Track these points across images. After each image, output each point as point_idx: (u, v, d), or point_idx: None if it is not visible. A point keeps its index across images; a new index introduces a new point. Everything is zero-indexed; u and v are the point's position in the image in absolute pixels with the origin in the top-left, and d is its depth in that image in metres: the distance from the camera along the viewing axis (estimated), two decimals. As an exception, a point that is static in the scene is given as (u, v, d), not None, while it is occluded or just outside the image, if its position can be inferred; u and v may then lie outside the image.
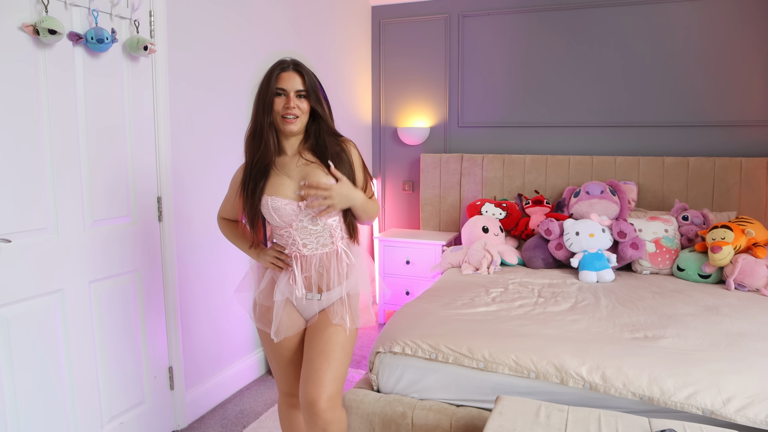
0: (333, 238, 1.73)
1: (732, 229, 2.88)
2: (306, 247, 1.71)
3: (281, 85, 1.65)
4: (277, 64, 1.69)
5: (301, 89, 1.66)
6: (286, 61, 1.69)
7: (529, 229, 3.50)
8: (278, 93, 1.65)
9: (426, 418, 1.96)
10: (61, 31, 1.89)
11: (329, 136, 1.73)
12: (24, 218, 1.89)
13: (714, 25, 3.48)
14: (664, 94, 3.62)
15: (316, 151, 1.72)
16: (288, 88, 1.65)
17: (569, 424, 1.60)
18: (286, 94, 1.65)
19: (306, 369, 1.68)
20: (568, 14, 3.78)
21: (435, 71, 4.18)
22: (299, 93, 1.66)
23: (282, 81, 1.66)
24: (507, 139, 4.03)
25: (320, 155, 1.71)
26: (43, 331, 1.97)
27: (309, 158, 1.71)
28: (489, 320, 2.31)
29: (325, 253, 1.73)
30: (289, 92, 1.65)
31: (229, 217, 1.88)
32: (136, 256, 2.33)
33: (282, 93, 1.65)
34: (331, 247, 1.73)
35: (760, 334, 2.14)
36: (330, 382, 1.64)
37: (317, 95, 1.70)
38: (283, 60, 1.70)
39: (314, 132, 1.73)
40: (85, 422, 2.13)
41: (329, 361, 1.66)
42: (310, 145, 1.73)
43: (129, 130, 2.28)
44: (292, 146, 1.73)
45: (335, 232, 1.74)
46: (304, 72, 1.68)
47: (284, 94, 1.65)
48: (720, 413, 1.69)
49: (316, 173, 1.68)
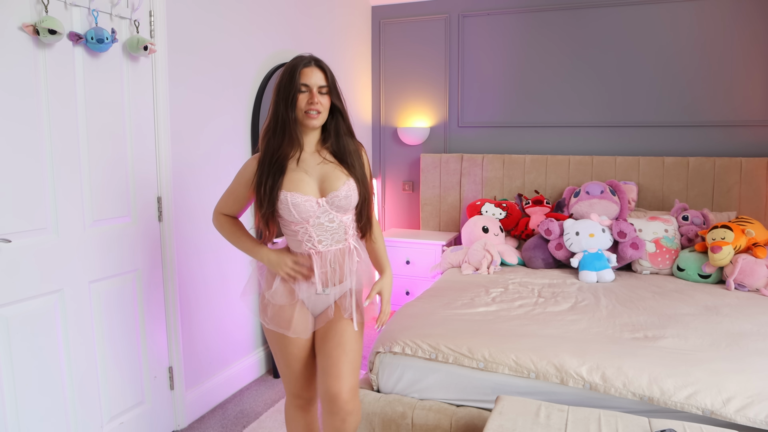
0: (347, 235, 1.75)
1: (732, 229, 2.88)
2: (321, 244, 1.71)
3: (305, 80, 1.65)
4: (298, 59, 1.68)
5: (323, 85, 1.67)
6: (305, 56, 1.69)
7: (529, 229, 3.50)
8: (302, 89, 1.65)
9: (426, 418, 1.96)
10: (61, 31, 1.89)
11: (347, 137, 1.76)
12: (24, 218, 1.89)
13: (714, 25, 3.48)
14: (664, 94, 3.62)
15: (336, 151, 1.74)
16: (311, 83, 1.65)
17: (569, 424, 1.60)
18: (309, 90, 1.65)
19: (324, 363, 1.69)
20: (568, 14, 3.78)
21: (435, 71, 4.18)
22: (321, 89, 1.67)
23: (305, 77, 1.65)
24: (507, 139, 4.03)
25: (340, 156, 1.73)
26: (43, 331, 1.97)
27: (328, 158, 1.72)
28: (489, 320, 2.31)
29: (339, 249, 1.74)
30: (312, 87, 1.65)
31: (230, 213, 1.84)
32: (136, 256, 2.33)
33: (305, 89, 1.65)
34: (344, 243, 1.75)
35: (760, 334, 2.14)
36: (350, 374, 1.67)
37: (338, 91, 1.72)
38: (302, 56, 1.70)
39: (333, 130, 1.74)
40: (85, 422, 2.13)
41: (346, 353, 1.69)
42: (331, 144, 1.75)
43: (129, 130, 2.28)
44: (311, 142, 1.74)
45: (349, 229, 1.75)
46: (325, 68, 1.69)
47: (307, 90, 1.65)
48: (720, 413, 1.69)
49: (335, 173, 1.70)
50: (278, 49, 3.20)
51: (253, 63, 3.00)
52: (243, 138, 2.95)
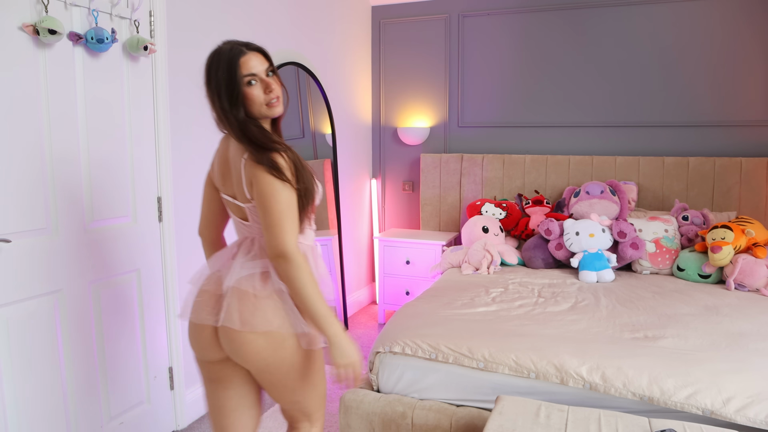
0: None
1: (732, 229, 2.88)
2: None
3: (250, 71, 1.43)
4: (227, 51, 1.44)
5: (268, 66, 1.47)
6: (233, 44, 1.45)
7: (529, 229, 3.50)
8: (249, 81, 1.43)
9: (426, 418, 1.96)
10: (61, 31, 1.89)
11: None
12: (24, 218, 1.89)
13: (714, 25, 3.48)
14: (664, 94, 3.62)
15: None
16: (258, 71, 1.44)
17: (569, 424, 1.60)
18: (259, 79, 1.45)
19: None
20: (568, 14, 3.78)
21: (435, 71, 4.18)
22: (268, 71, 1.47)
23: (247, 66, 1.43)
24: (507, 139, 4.03)
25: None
26: (43, 332, 1.97)
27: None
28: (489, 320, 2.31)
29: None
30: (260, 75, 1.45)
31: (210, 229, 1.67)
32: (136, 256, 2.33)
33: (254, 79, 1.44)
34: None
35: (760, 334, 2.14)
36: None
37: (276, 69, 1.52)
38: (230, 45, 1.45)
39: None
40: (85, 422, 2.13)
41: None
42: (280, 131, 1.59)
43: (129, 130, 2.28)
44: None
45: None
46: (260, 48, 1.49)
47: (258, 80, 1.45)
48: (720, 413, 1.69)
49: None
50: (278, 49, 3.20)
51: (253, 63, 3.00)
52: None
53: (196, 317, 1.50)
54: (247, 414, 1.62)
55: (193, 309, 1.53)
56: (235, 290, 1.45)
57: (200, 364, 1.59)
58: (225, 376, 1.56)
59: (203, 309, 1.49)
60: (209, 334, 1.49)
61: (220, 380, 1.57)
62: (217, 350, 1.50)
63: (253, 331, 1.42)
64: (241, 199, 1.50)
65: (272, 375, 1.49)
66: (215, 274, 1.54)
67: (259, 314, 1.43)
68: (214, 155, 1.63)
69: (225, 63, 1.43)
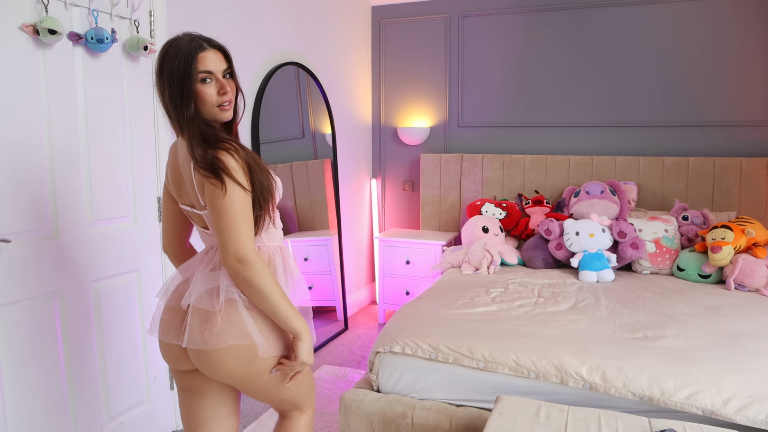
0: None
1: (732, 229, 2.88)
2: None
3: (206, 67, 1.34)
4: (186, 44, 1.34)
5: (226, 67, 1.39)
6: (193, 37, 1.37)
7: (529, 229, 3.50)
8: (204, 79, 1.34)
9: (426, 418, 1.96)
10: (61, 31, 1.89)
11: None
12: (24, 218, 1.89)
13: (714, 25, 3.48)
14: (665, 93, 3.62)
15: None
16: (215, 69, 1.36)
17: (569, 424, 1.60)
18: (214, 78, 1.36)
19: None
20: (568, 14, 3.79)
21: (435, 71, 4.18)
22: (225, 72, 1.39)
23: (204, 62, 1.34)
24: (507, 139, 4.04)
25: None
26: (44, 331, 1.96)
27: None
28: (489, 320, 2.31)
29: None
30: (216, 74, 1.36)
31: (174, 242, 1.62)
32: (136, 256, 2.33)
33: (209, 77, 1.35)
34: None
35: (760, 334, 2.14)
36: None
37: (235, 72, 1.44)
38: (190, 38, 1.36)
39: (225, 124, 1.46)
40: (85, 422, 2.13)
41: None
42: (236, 135, 1.52)
43: (129, 130, 2.28)
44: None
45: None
46: (222, 47, 1.40)
47: (212, 79, 1.35)
48: (720, 413, 1.69)
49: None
50: (279, 49, 3.20)
51: (253, 62, 3.00)
52: (243, 137, 2.95)
53: (164, 336, 1.46)
54: (223, 425, 1.56)
55: (160, 326, 1.48)
56: (195, 310, 1.39)
57: (173, 373, 1.55)
58: (198, 385, 1.51)
59: (170, 327, 1.44)
60: (177, 349, 1.45)
61: (194, 390, 1.52)
62: (189, 362, 1.46)
63: (219, 348, 1.36)
64: (198, 206, 1.41)
65: (252, 386, 1.45)
66: (179, 287, 1.48)
67: (221, 331, 1.36)
68: (166, 166, 1.54)
69: (183, 55, 1.33)
